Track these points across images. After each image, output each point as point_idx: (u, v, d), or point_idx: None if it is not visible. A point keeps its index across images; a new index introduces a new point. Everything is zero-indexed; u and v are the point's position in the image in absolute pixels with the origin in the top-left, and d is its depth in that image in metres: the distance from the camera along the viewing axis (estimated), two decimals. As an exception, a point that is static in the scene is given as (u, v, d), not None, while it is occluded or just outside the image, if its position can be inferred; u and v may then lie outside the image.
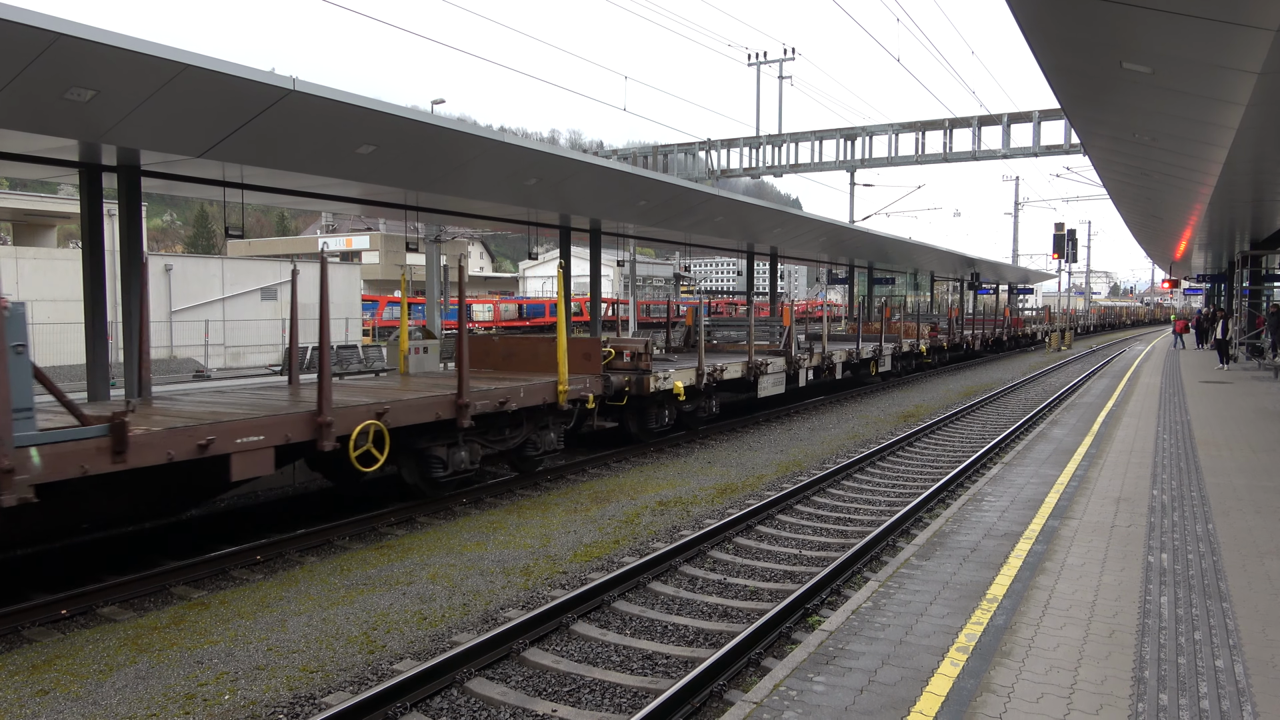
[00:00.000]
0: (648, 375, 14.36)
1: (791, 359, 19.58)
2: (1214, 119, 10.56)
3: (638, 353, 14.72)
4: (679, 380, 15.20)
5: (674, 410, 15.74)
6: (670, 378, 14.99)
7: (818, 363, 21.03)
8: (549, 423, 12.70)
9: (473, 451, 11.32)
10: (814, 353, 20.88)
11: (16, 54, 7.88)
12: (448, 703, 6.00)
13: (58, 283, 25.90)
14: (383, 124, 11.32)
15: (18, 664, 6.57)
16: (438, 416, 10.59)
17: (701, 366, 16.07)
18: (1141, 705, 4.53)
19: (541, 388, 12.21)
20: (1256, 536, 7.65)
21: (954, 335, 35.76)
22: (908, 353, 29.03)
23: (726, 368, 17.04)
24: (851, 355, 23.52)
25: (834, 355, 22.09)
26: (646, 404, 15.04)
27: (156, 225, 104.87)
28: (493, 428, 11.77)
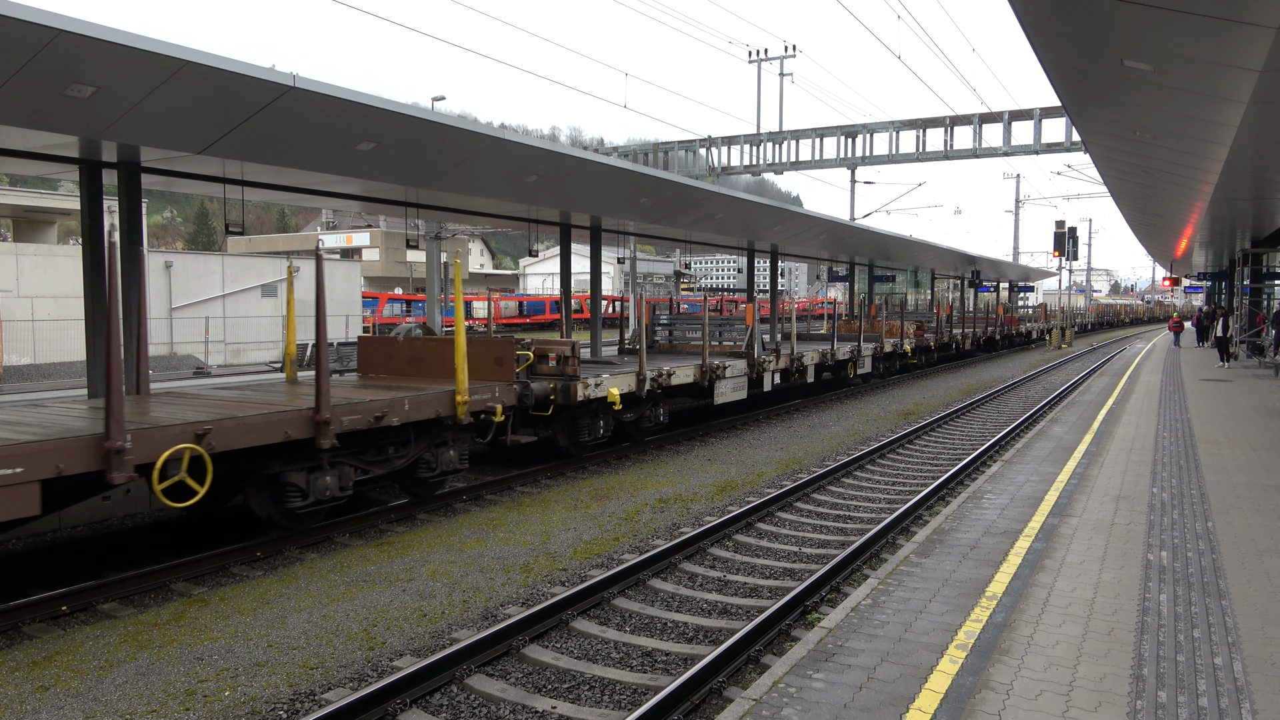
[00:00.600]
0: (575, 382, 12.73)
1: (754, 361, 18.08)
2: (1215, 117, 10.55)
3: (564, 356, 13.01)
4: (614, 387, 13.53)
5: (610, 420, 14.10)
6: (604, 384, 13.32)
7: (785, 365, 19.49)
8: (448, 439, 11.08)
9: (343, 476, 9.71)
10: (780, 354, 19.21)
11: (17, 50, 7.88)
12: (447, 699, 6.00)
13: (58, 279, 25.93)
14: (383, 121, 11.31)
15: (18, 660, 6.58)
16: (287, 436, 8.83)
17: (643, 371, 14.35)
18: (1140, 703, 4.53)
19: (434, 399, 10.55)
20: (1256, 534, 7.66)
21: (941, 334, 33.43)
22: (890, 353, 27.24)
23: (674, 372, 15.31)
24: (826, 356, 21.99)
25: (805, 357, 20.54)
26: (577, 414, 13.44)
27: (157, 222, 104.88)
28: (371, 446, 10.18)
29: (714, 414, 18.88)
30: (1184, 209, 21.70)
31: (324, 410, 9.09)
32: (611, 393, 13.42)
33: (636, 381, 14.27)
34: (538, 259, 65.94)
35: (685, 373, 15.78)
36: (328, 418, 9.09)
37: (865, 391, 25.47)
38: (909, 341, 28.36)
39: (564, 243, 20.38)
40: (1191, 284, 57.87)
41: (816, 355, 21.35)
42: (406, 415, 10.20)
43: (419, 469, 10.82)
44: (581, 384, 12.83)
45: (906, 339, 28.34)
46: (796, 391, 23.33)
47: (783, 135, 35.33)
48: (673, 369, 15.33)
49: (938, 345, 32.69)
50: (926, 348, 31.21)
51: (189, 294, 29.57)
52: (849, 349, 23.61)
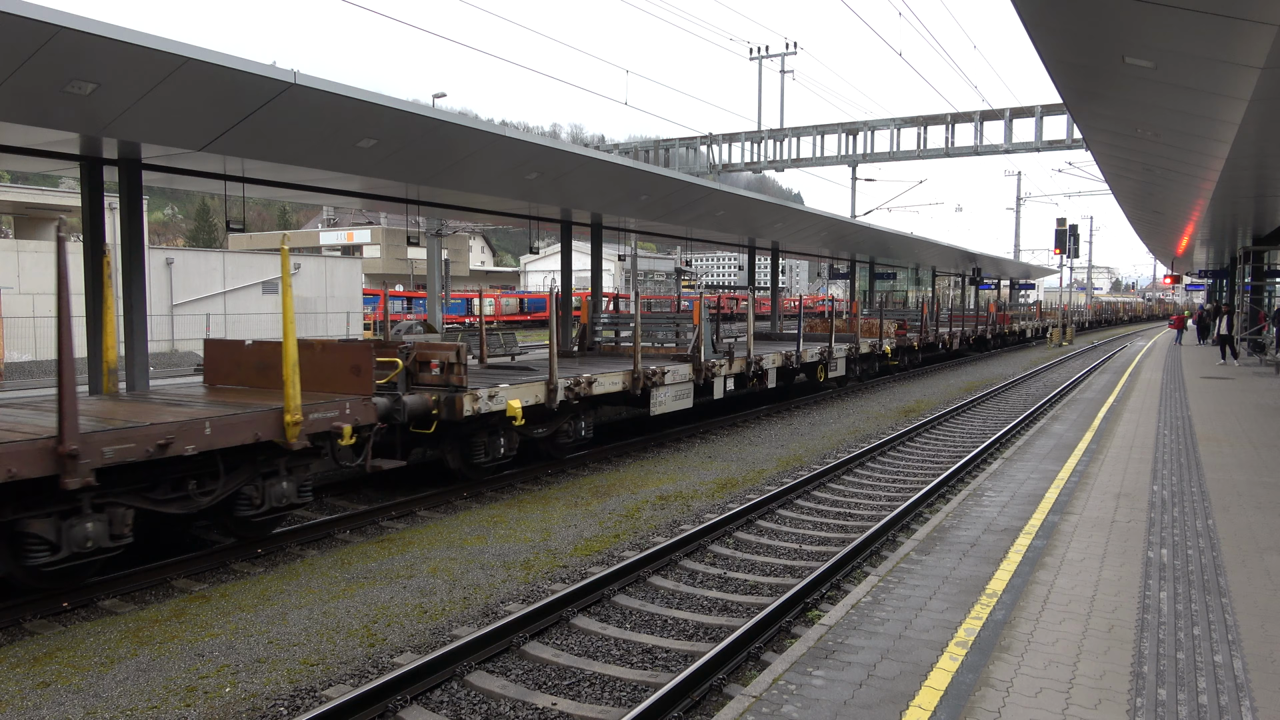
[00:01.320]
0: (461, 394, 10.78)
1: (701, 366, 15.98)
2: (1216, 114, 10.54)
3: (448, 363, 11.10)
4: (515, 399, 11.55)
5: (513, 437, 12.15)
6: (500, 396, 11.36)
7: (741, 369, 17.51)
8: (280, 468, 9.02)
9: (116, 520, 7.51)
10: (734, 357, 17.12)
11: (17, 47, 7.88)
12: (448, 696, 6.01)
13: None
14: (384, 118, 11.31)
15: (19, 656, 6.59)
16: (10, 475, 6.59)
17: (553, 379, 12.32)
18: (1140, 700, 4.53)
19: (251, 420, 8.35)
20: (1256, 532, 7.66)
21: (926, 333, 30.89)
22: (868, 354, 25.11)
23: (596, 380, 13.28)
24: (790, 359, 19.65)
25: (765, 360, 18.50)
26: (471, 431, 11.52)
27: (158, 219, 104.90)
28: (164, 480, 8.04)
29: (650, 426, 16.83)
30: (1185, 207, 21.68)
31: (70, 439, 6.77)
32: (511, 405, 11.47)
33: (546, 391, 12.31)
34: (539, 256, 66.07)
35: (611, 380, 13.72)
36: (76, 449, 6.81)
37: (865, 391, 25.43)
38: (889, 341, 26.30)
39: (565, 240, 20.38)
40: (1192, 282, 57.89)
41: (779, 358, 19.18)
42: (209, 441, 7.96)
43: (240, 505, 8.72)
44: (469, 396, 10.87)
45: (886, 339, 26.26)
46: (756, 399, 21.45)
47: (784, 132, 35.30)
48: (594, 376, 13.30)
49: (922, 345, 30.43)
50: (909, 348, 29.14)
51: (190, 291, 29.60)
52: (818, 350, 21.54)
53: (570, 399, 12.82)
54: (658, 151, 36.76)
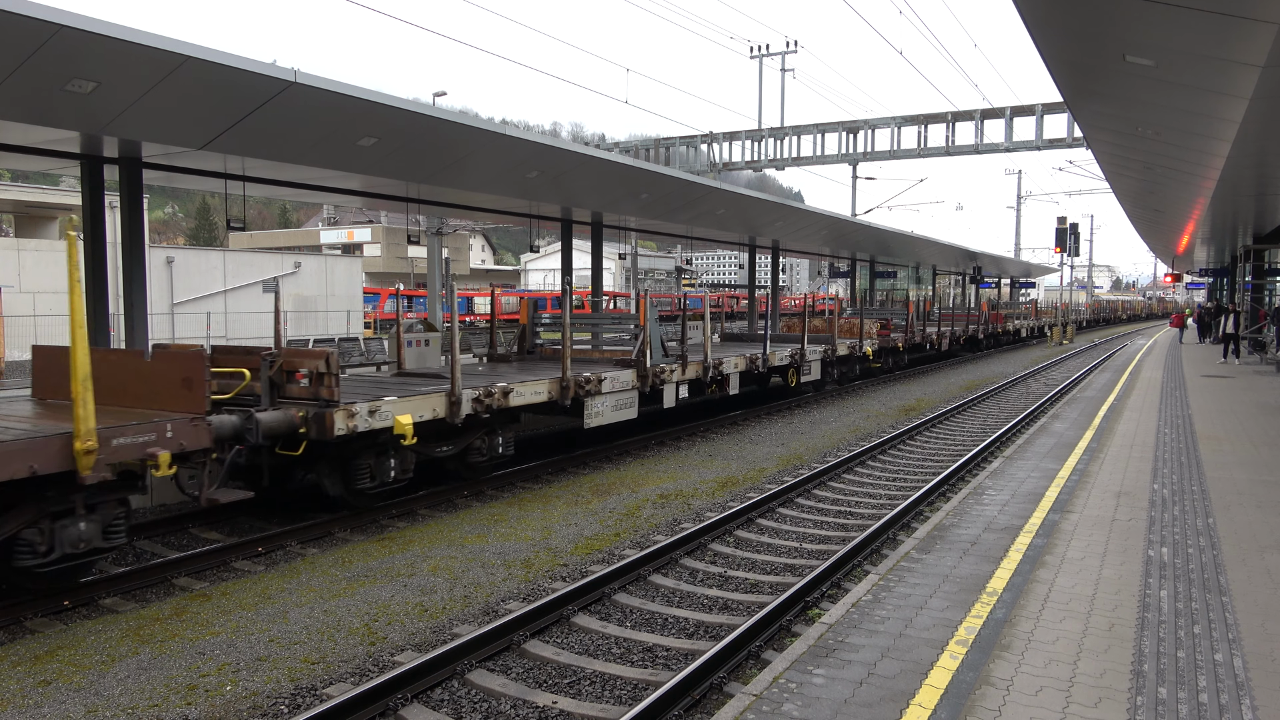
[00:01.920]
0: (332, 409, 9.17)
1: (646, 371, 14.28)
2: (1217, 112, 10.53)
3: (317, 373, 9.45)
4: (405, 413, 9.97)
5: (407, 458, 10.54)
6: (384, 410, 9.77)
7: (697, 374, 15.96)
8: (77, 505, 7.29)
9: None
10: (687, 362, 15.53)
11: (18, 45, 7.88)
12: (449, 694, 6.02)
13: (59, 275, 25.93)
14: (384, 116, 11.31)
15: (20, 654, 6.60)
16: None
17: (455, 389, 10.67)
18: (1140, 699, 4.54)
19: (27, 448, 6.75)
20: (1257, 531, 7.66)
21: (912, 333, 29.15)
22: (847, 356, 23.49)
23: (513, 390, 11.68)
24: (755, 363, 18.14)
25: (725, 364, 16.93)
26: (352, 452, 9.92)
27: (158, 217, 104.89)
28: None
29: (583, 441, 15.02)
30: (1186, 205, 21.68)
31: None
32: (400, 421, 9.89)
33: (447, 404, 10.69)
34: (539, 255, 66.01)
35: (534, 389, 12.10)
36: None
37: (865, 389, 25.40)
38: (870, 342, 24.63)
39: (565, 239, 20.38)
40: (1193, 280, 57.84)
41: (743, 361, 17.73)
42: None
43: (19, 554, 7.12)
44: (343, 412, 9.27)
45: (867, 339, 24.54)
46: (716, 407, 19.83)
47: (784, 131, 35.29)
48: (510, 385, 11.70)
49: (908, 346, 28.68)
50: (893, 349, 27.42)
51: (190, 289, 29.60)
52: (788, 353, 19.85)
53: (480, 412, 11.20)
54: (658, 150, 36.75)
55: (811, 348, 21.04)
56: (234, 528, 10.17)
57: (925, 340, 30.82)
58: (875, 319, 27.51)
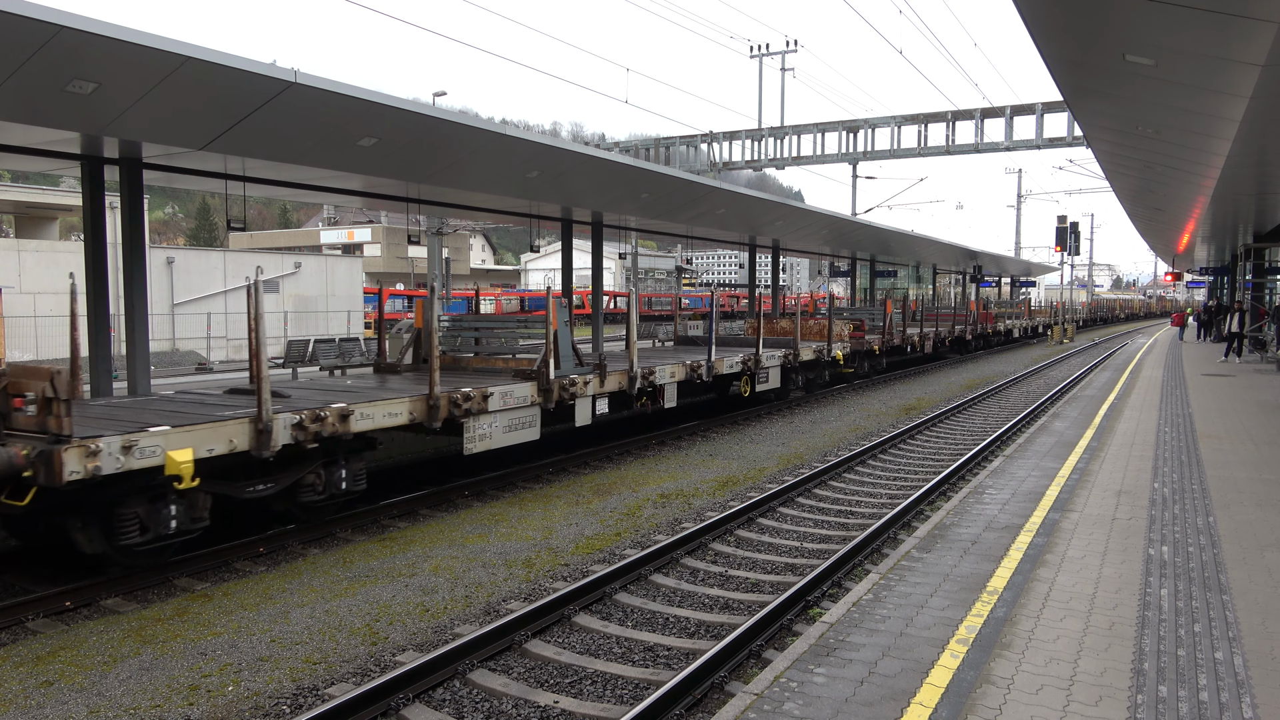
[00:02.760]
0: (63, 446, 6.99)
1: (549, 385, 11.98)
2: (1217, 112, 10.53)
3: (45, 398, 7.13)
4: (183, 448, 7.74)
5: (196, 503, 8.29)
6: (145, 446, 7.49)
7: (619, 387, 13.77)
8: None
9: None
10: (605, 372, 13.30)
11: (19, 46, 7.88)
12: (450, 694, 6.02)
13: (60, 276, 25.94)
14: (384, 116, 11.31)
15: (22, 655, 6.61)
16: None
17: (264, 415, 8.37)
18: (1141, 697, 4.54)
19: None
20: (1257, 529, 7.66)
21: (890, 335, 26.66)
22: (813, 361, 20.99)
23: (356, 412, 9.41)
24: (695, 371, 15.86)
25: (658, 373, 14.75)
26: (115, 498, 7.74)
27: (158, 218, 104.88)
28: None
29: (468, 468, 12.79)
30: (1186, 204, 21.68)
31: None
32: (174, 460, 7.62)
33: (252, 434, 8.39)
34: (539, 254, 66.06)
35: (388, 410, 9.90)
36: None
37: (866, 388, 25.38)
38: (841, 346, 22.33)
39: (565, 238, 20.39)
40: (1193, 279, 57.84)
41: (681, 370, 15.49)
42: None
43: None
44: (78, 450, 7.05)
45: (838, 342, 22.25)
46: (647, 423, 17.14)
47: (784, 130, 35.30)
48: (350, 406, 9.42)
49: (885, 349, 26.19)
50: (869, 353, 25.08)
51: (191, 290, 29.60)
52: (741, 359, 17.55)
53: (304, 441, 8.89)
54: (658, 149, 36.77)
55: (770, 353, 18.81)
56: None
57: (906, 342, 28.21)
58: (848, 319, 25.65)
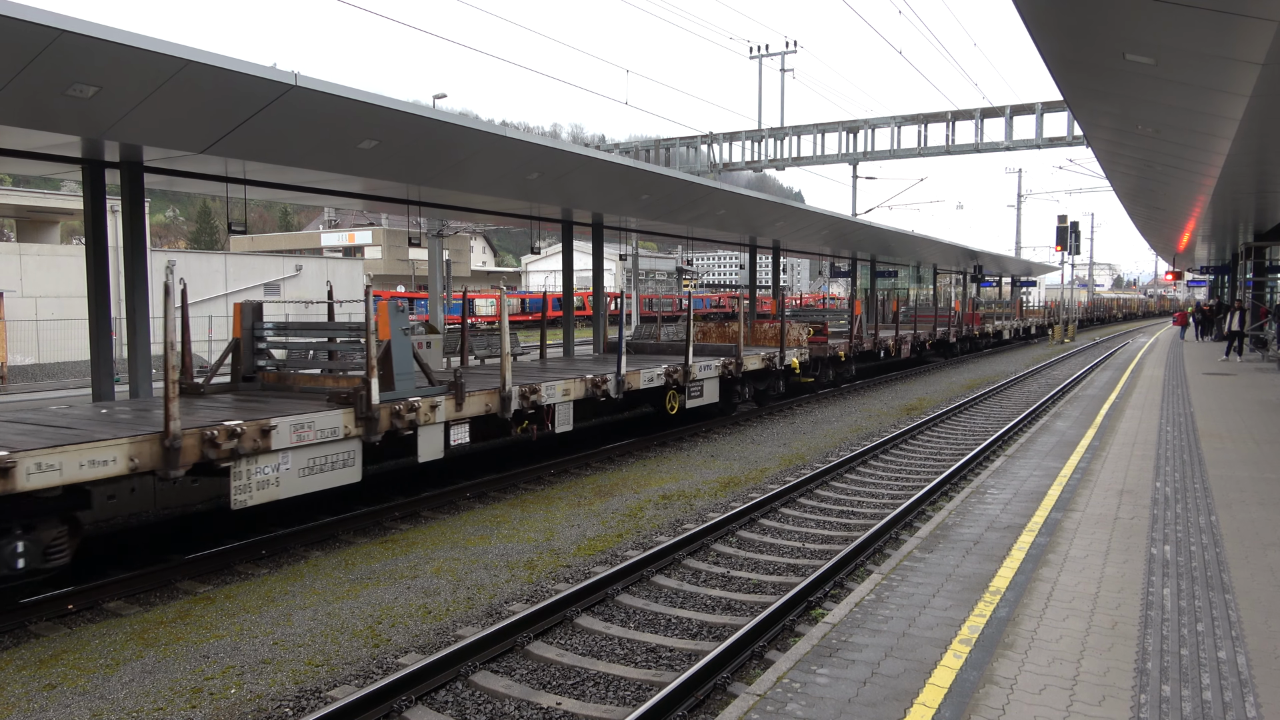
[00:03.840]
0: None
1: (371, 412, 9.41)
2: (1217, 110, 10.53)
3: None
4: None
5: None
6: None
7: (485, 410, 11.14)
8: None
9: None
10: (464, 392, 10.74)
11: (19, 50, 7.89)
12: (452, 696, 6.02)
13: (61, 279, 25.97)
14: (385, 119, 11.32)
15: (25, 658, 6.61)
16: None
17: None
18: (1144, 696, 4.54)
19: None
20: (1260, 528, 7.66)
21: (859, 339, 24.19)
22: (762, 371, 18.48)
23: (16, 466, 6.64)
24: (598, 387, 13.29)
25: (546, 391, 12.20)
26: None
27: (159, 221, 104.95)
28: None
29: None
30: (1186, 203, 21.67)
31: None
32: None
33: None
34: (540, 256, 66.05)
35: (92, 455, 7.24)
36: None
37: (867, 388, 25.32)
38: (796, 352, 19.61)
39: (566, 240, 20.39)
40: (1194, 278, 57.80)
41: (579, 386, 12.98)
42: None
43: None
44: None
45: (793, 349, 19.60)
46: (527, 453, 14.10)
47: (784, 131, 35.30)
48: (12, 458, 6.66)
49: (854, 354, 23.85)
50: (833, 359, 22.59)
51: (192, 293, 29.64)
52: (664, 370, 14.95)
53: None
54: (658, 151, 36.77)
55: (704, 362, 16.22)
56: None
57: (879, 346, 25.64)
58: (808, 322, 23.02)
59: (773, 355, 18.74)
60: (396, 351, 10.19)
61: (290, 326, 11.71)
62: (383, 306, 10.03)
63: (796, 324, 21.08)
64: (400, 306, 10.26)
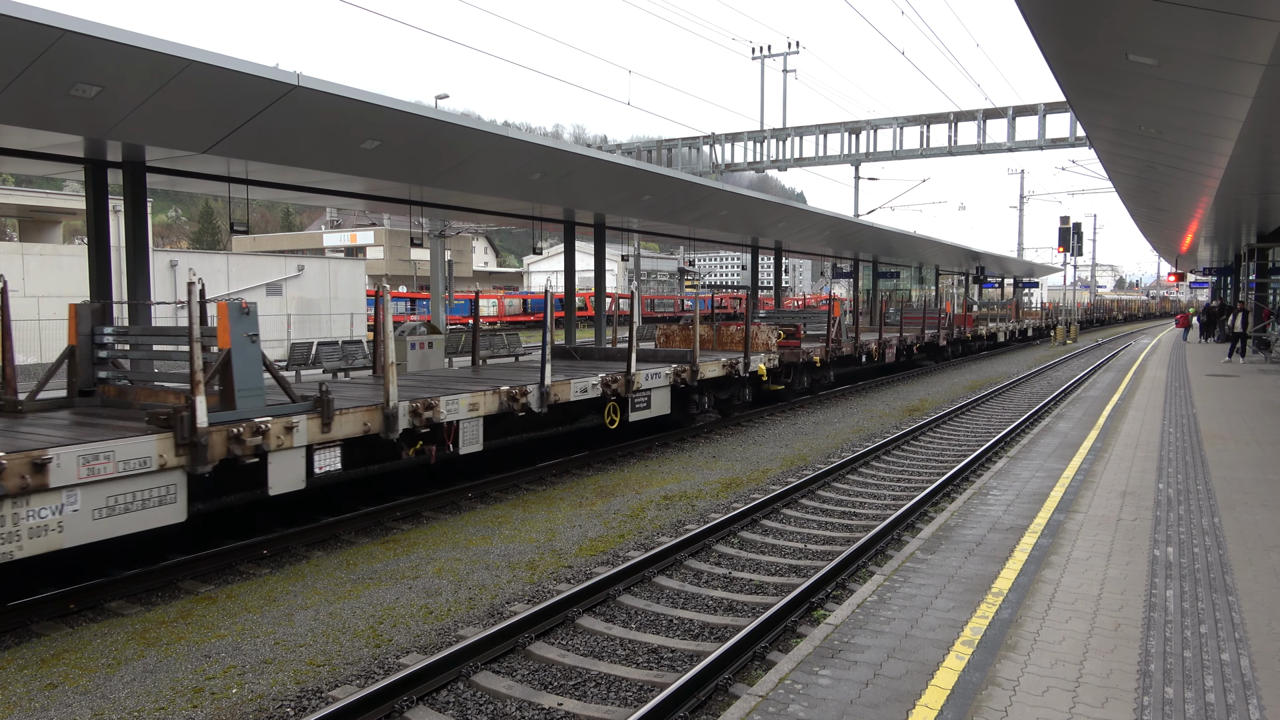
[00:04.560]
0: None
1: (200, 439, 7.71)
2: (1220, 111, 10.51)
3: None
4: None
5: None
6: None
7: (363, 430, 9.52)
8: None
9: None
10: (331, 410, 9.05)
11: (22, 50, 7.90)
12: (454, 696, 6.02)
13: (64, 279, 26.00)
14: (387, 119, 11.33)
15: (27, 658, 6.61)
16: None
17: None
18: (1147, 699, 4.53)
19: None
20: (1263, 530, 7.64)
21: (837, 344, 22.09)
22: (723, 379, 16.57)
23: None
24: (516, 400, 11.47)
25: (447, 406, 10.43)
26: None
27: (161, 221, 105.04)
28: None
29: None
30: (1189, 204, 21.65)
31: None
32: None
33: None
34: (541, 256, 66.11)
35: None
36: None
37: (868, 388, 25.30)
38: (764, 357, 17.90)
39: (568, 240, 20.40)
40: (1197, 279, 57.74)
41: (491, 400, 11.12)
42: None
43: None
44: None
45: (761, 353, 17.98)
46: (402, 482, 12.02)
47: (786, 132, 35.30)
48: None
49: (832, 359, 21.72)
50: (808, 365, 20.45)
51: (194, 293, 29.65)
52: (601, 379, 13.15)
53: None
54: (660, 151, 36.78)
55: (651, 369, 14.39)
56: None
57: (860, 350, 23.86)
58: (779, 324, 21.53)
59: (736, 361, 17.00)
60: (239, 363, 8.48)
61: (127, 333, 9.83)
62: (222, 308, 8.49)
63: (766, 326, 19.32)
64: (245, 309, 8.51)
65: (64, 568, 8.57)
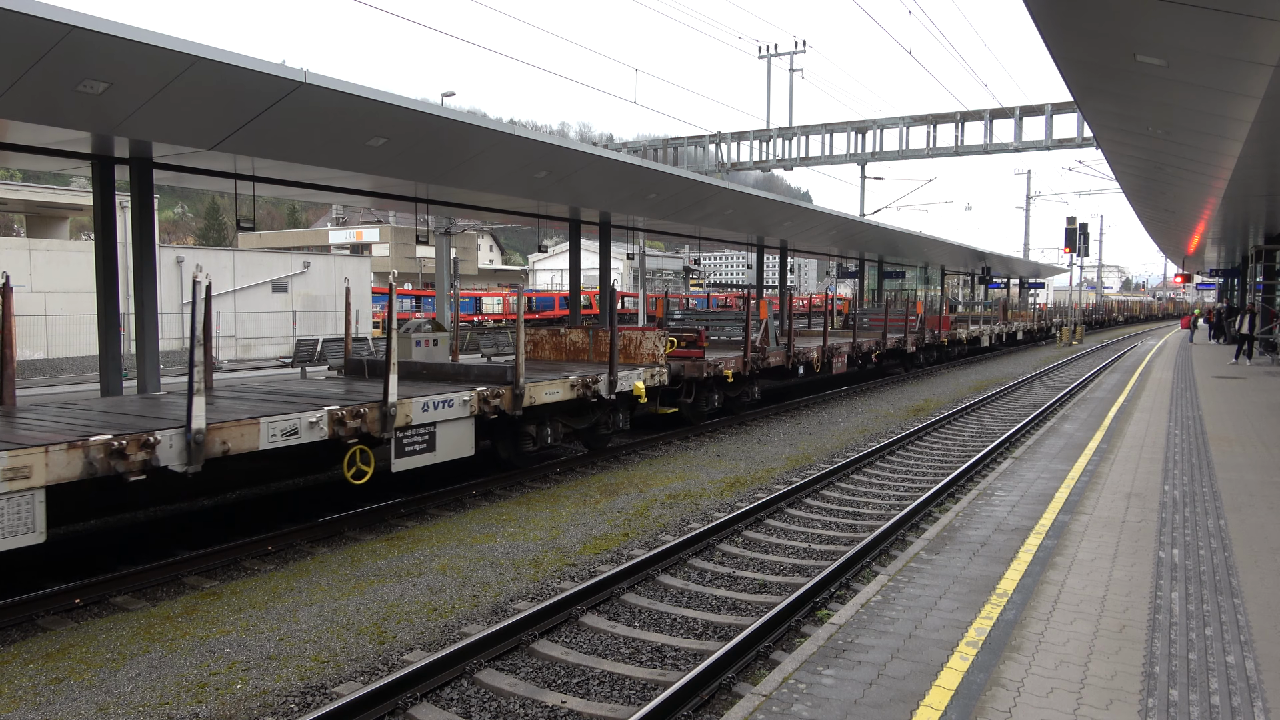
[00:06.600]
0: None
1: None
2: (1228, 112, 10.48)
3: None
4: None
5: None
6: None
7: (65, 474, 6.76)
8: None
9: None
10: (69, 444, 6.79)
11: (30, 46, 7.92)
12: (458, 693, 6.03)
13: (70, 275, 26.08)
14: (393, 116, 11.34)
15: (32, 652, 6.63)
16: None
17: None
18: (1152, 700, 4.52)
19: None
20: (1269, 532, 7.62)
21: (758, 353, 17.95)
22: (574, 403, 12.69)
23: None
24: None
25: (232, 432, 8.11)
26: None
27: (168, 217, 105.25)
28: None
29: None
30: (1196, 205, 21.58)
31: None
32: None
33: None
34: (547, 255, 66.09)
35: None
36: None
37: (870, 390, 25.26)
38: (646, 373, 14.12)
39: (573, 239, 20.41)
40: (1203, 281, 57.59)
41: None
42: None
43: None
44: None
45: (642, 366, 14.31)
46: None
47: (792, 131, 35.26)
48: None
49: (754, 371, 17.83)
50: (717, 379, 16.71)
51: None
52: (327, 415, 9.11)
53: None
54: (666, 150, 36.76)
55: (438, 396, 10.45)
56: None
57: (797, 361, 19.67)
58: (671, 330, 16.81)
59: (595, 379, 12.92)
60: None
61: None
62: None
63: (651, 334, 14.98)
64: None
65: (69, 563, 8.60)
